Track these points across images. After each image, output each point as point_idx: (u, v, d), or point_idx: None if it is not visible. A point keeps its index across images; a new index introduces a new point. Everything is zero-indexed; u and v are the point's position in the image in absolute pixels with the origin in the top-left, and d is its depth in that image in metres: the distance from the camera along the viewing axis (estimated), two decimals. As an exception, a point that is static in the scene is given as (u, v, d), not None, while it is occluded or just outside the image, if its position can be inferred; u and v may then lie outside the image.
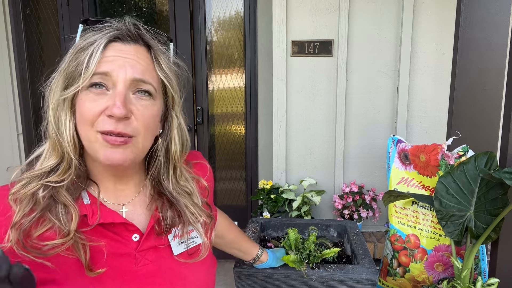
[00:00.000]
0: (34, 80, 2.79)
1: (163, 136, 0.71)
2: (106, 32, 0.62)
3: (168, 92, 0.69)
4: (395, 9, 2.17)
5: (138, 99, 0.63)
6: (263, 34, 2.51)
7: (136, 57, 0.63)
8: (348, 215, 2.20)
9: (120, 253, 0.66)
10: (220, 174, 2.82)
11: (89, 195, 0.66)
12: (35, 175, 0.62)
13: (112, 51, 0.61)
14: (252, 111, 2.65)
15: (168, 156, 0.72)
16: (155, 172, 0.72)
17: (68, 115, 0.62)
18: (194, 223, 0.73)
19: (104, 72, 0.60)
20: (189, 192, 0.75)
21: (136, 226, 0.68)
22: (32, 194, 0.60)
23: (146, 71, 0.63)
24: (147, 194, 0.74)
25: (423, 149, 1.30)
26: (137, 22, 0.66)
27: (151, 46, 0.66)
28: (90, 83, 0.60)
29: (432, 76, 2.20)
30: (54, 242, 0.59)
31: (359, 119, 2.28)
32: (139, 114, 0.62)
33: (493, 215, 1.06)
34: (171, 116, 0.70)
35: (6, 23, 2.68)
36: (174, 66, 0.70)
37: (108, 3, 2.70)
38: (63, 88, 0.62)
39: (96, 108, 0.60)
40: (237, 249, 1.09)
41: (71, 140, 0.62)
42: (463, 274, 1.08)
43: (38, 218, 0.59)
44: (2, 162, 2.82)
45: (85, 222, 0.63)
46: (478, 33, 1.28)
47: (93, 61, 0.59)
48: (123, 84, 0.60)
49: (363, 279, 1.12)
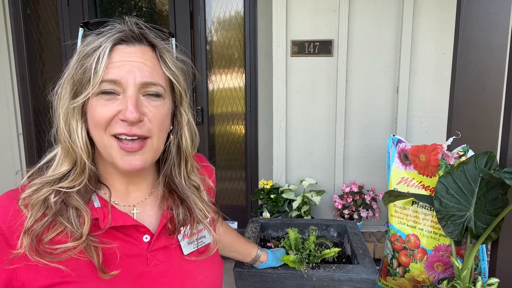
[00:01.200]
0: (34, 80, 2.79)
1: (173, 132, 0.71)
2: (109, 35, 0.62)
3: (175, 89, 0.69)
4: (395, 9, 2.17)
5: (149, 101, 0.63)
6: (263, 34, 2.51)
7: (142, 58, 0.63)
8: (348, 215, 2.20)
9: (131, 254, 0.66)
10: (220, 174, 2.82)
11: (99, 198, 0.66)
12: (47, 181, 0.62)
13: (118, 55, 0.61)
14: (252, 111, 2.65)
15: (180, 152, 0.73)
16: (168, 168, 0.73)
17: (79, 122, 0.62)
18: (203, 219, 0.74)
19: (113, 80, 0.60)
20: (197, 187, 0.76)
21: (147, 227, 0.68)
22: (43, 200, 0.60)
23: (153, 71, 0.63)
24: (159, 193, 0.74)
25: (423, 149, 1.30)
26: (139, 21, 0.66)
27: (155, 45, 0.66)
28: (100, 91, 0.60)
29: (432, 76, 2.20)
30: (67, 245, 0.59)
31: (359, 119, 2.28)
32: (151, 115, 0.63)
33: (493, 215, 1.06)
34: (180, 113, 0.71)
35: (6, 23, 2.68)
36: (179, 63, 0.70)
37: (108, 3, 2.70)
38: (72, 95, 0.62)
39: (108, 113, 0.60)
40: (235, 252, 1.09)
41: (84, 146, 0.63)
42: (463, 274, 1.08)
43: (50, 223, 0.60)
44: (2, 162, 2.82)
45: (96, 226, 0.63)
46: (478, 33, 1.28)
47: (101, 67, 0.59)
48: (133, 88, 0.61)
49: (363, 279, 1.12)
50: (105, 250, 0.63)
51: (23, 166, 2.82)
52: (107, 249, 0.63)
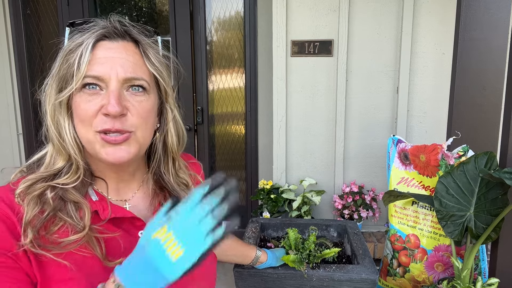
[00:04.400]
0: (34, 80, 2.79)
1: (160, 129, 0.72)
2: (93, 32, 0.63)
3: (160, 85, 0.69)
4: (395, 9, 2.17)
5: (133, 95, 0.63)
6: (263, 34, 2.51)
7: (125, 54, 0.63)
8: (348, 215, 2.20)
9: (131, 247, 0.67)
10: (220, 174, 2.82)
11: (95, 192, 0.67)
12: (42, 177, 0.62)
13: (101, 50, 0.62)
14: (252, 111, 2.65)
15: (166, 149, 0.73)
16: (155, 166, 0.74)
17: (66, 118, 0.63)
18: None
19: (96, 76, 0.60)
20: (186, 184, 0.77)
21: (143, 221, 0.69)
22: (39, 195, 0.60)
23: (136, 67, 0.64)
24: (149, 189, 0.75)
25: (423, 149, 1.30)
26: (122, 19, 0.67)
27: (139, 41, 0.66)
28: (83, 84, 0.61)
29: (432, 76, 2.20)
30: (70, 239, 0.59)
31: (359, 119, 2.28)
32: (134, 110, 0.63)
33: (493, 215, 1.07)
34: (166, 109, 0.72)
35: (6, 23, 2.68)
36: (163, 59, 0.70)
37: (108, 3, 2.70)
38: (57, 92, 0.62)
39: (92, 108, 0.60)
40: (234, 255, 1.09)
41: (74, 142, 0.63)
42: (463, 274, 1.08)
43: (49, 218, 0.60)
44: (2, 162, 2.82)
45: (96, 219, 0.63)
46: (478, 33, 1.28)
47: (83, 62, 0.60)
48: (116, 84, 0.61)
49: (363, 279, 1.12)
50: (107, 242, 0.63)
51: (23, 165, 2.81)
52: (109, 241, 0.63)
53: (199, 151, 2.77)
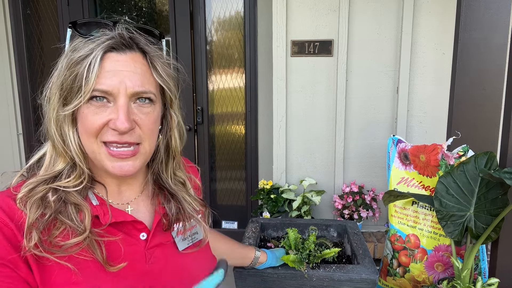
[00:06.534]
0: (34, 80, 2.80)
1: (162, 132, 0.72)
2: (100, 43, 0.61)
3: (166, 94, 0.69)
4: (395, 9, 2.17)
5: (140, 108, 0.63)
6: (263, 34, 2.51)
7: (133, 66, 0.62)
8: (348, 215, 2.20)
9: (132, 251, 0.67)
10: (220, 174, 2.82)
11: (96, 196, 0.67)
12: (43, 180, 0.63)
13: (109, 63, 0.61)
14: (252, 111, 2.65)
15: (169, 151, 0.74)
16: (156, 167, 0.75)
17: (71, 128, 0.63)
18: (193, 213, 0.76)
19: (105, 91, 0.60)
20: (183, 183, 0.78)
21: (144, 224, 0.69)
22: (41, 198, 0.60)
23: (144, 79, 0.63)
24: (150, 190, 0.76)
25: (423, 149, 1.30)
26: (129, 25, 0.66)
27: (146, 52, 0.66)
28: (91, 97, 0.60)
29: (432, 76, 2.20)
30: (70, 242, 0.59)
31: (359, 119, 2.28)
32: (142, 123, 0.63)
33: (493, 215, 1.06)
34: (170, 115, 0.72)
35: (6, 23, 2.68)
36: (169, 70, 0.70)
37: (108, 3, 2.70)
38: (62, 102, 0.62)
39: (99, 121, 0.61)
40: (233, 257, 1.10)
41: (79, 151, 0.63)
42: (463, 274, 1.08)
43: (50, 222, 0.60)
44: (2, 162, 2.82)
45: (96, 223, 0.63)
46: (478, 33, 1.28)
47: (92, 76, 0.59)
48: (124, 98, 0.61)
49: (363, 279, 1.12)
50: (108, 246, 0.63)
51: (23, 166, 2.81)
52: (110, 246, 0.63)
53: (199, 151, 2.77)
